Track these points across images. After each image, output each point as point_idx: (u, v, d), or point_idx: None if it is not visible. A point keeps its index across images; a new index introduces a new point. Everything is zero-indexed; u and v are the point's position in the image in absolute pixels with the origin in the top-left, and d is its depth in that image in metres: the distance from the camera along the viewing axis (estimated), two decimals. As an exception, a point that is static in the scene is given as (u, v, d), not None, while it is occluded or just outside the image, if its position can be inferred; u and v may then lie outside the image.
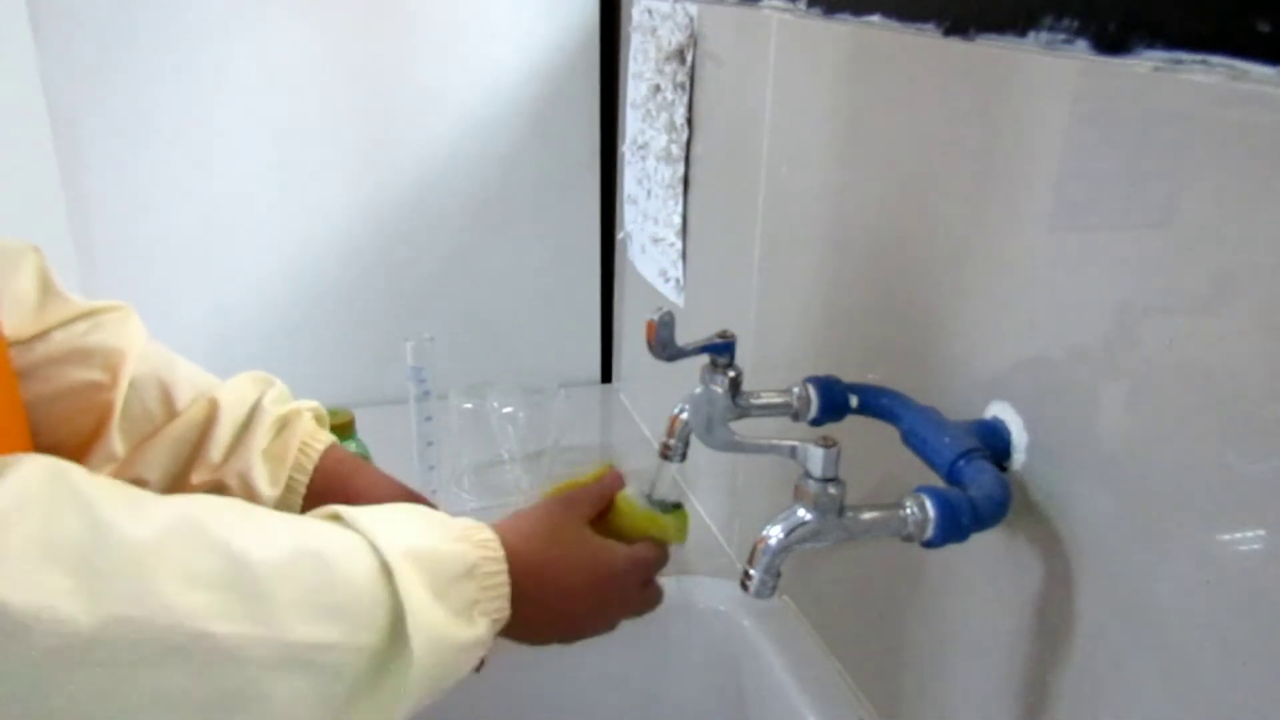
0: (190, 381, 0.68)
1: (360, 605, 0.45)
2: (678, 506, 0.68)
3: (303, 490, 0.67)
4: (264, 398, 0.68)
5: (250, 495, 0.65)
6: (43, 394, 0.62)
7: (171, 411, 0.66)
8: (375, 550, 0.47)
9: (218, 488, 0.65)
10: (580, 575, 0.59)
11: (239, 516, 0.45)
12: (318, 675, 0.43)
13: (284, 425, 0.68)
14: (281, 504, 0.66)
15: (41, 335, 0.63)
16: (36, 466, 0.40)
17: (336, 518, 0.49)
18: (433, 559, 0.48)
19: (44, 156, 1.10)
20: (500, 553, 0.53)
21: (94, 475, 0.42)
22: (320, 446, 0.69)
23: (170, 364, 0.68)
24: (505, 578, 0.52)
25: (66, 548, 0.38)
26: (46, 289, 0.64)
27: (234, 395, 0.68)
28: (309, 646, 0.43)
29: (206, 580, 0.41)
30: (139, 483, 0.63)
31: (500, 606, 0.52)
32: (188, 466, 0.65)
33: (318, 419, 0.72)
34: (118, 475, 0.63)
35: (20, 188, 1.10)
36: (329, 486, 0.68)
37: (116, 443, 0.63)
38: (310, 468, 0.68)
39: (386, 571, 0.46)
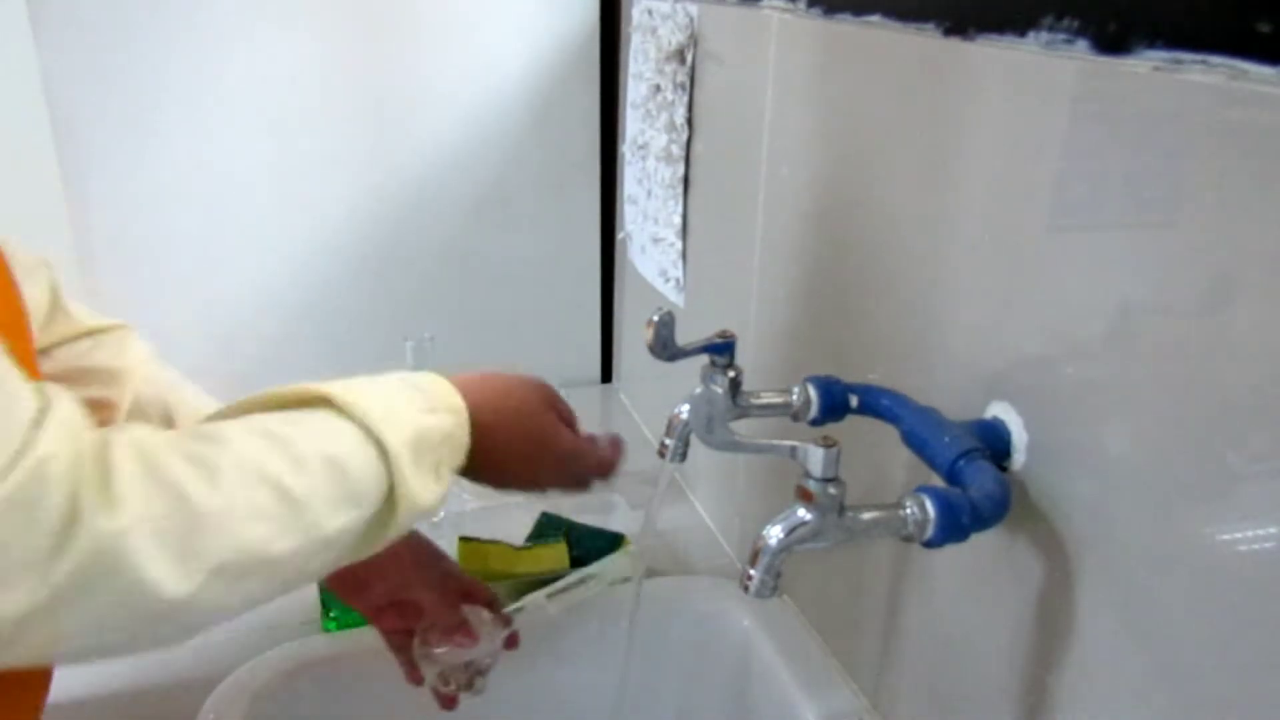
0: (193, 406, 0.69)
1: (368, 487, 0.53)
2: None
3: None
4: None
5: None
6: None
7: None
8: (370, 434, 0.53)
9: None
10: (521, 439, 0.65)
11: (281, 449, 0.51)
12: (340, 547, 0.52)
13: None
14: None
15: (47, 351, 0.63)
16: (134, 457, 0.45)
17: (327, 400, 0.55)
18: (418, 436, 0.55)
19: (44, 156, 1.10)
20: (467, 420, 0.60)
21: (158, 436, 0.48)
22: None
23: (174, 387, 0.70)
24: (467, 441, 0.60)
25: (169, 530, 0.44)
26: (55, 304, 0.65)
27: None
28: (338, 530, 0.51)
29: (265, 513, 0.48)
30: None
31: (458, 462, 0.60)
32: None
33: None
34: None
35: (20, 188, 1.10)
36: None
37: None
38: None
39: (384, 456, 0.53)
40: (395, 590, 0.73)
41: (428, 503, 0.56)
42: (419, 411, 0.57)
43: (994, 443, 0.55)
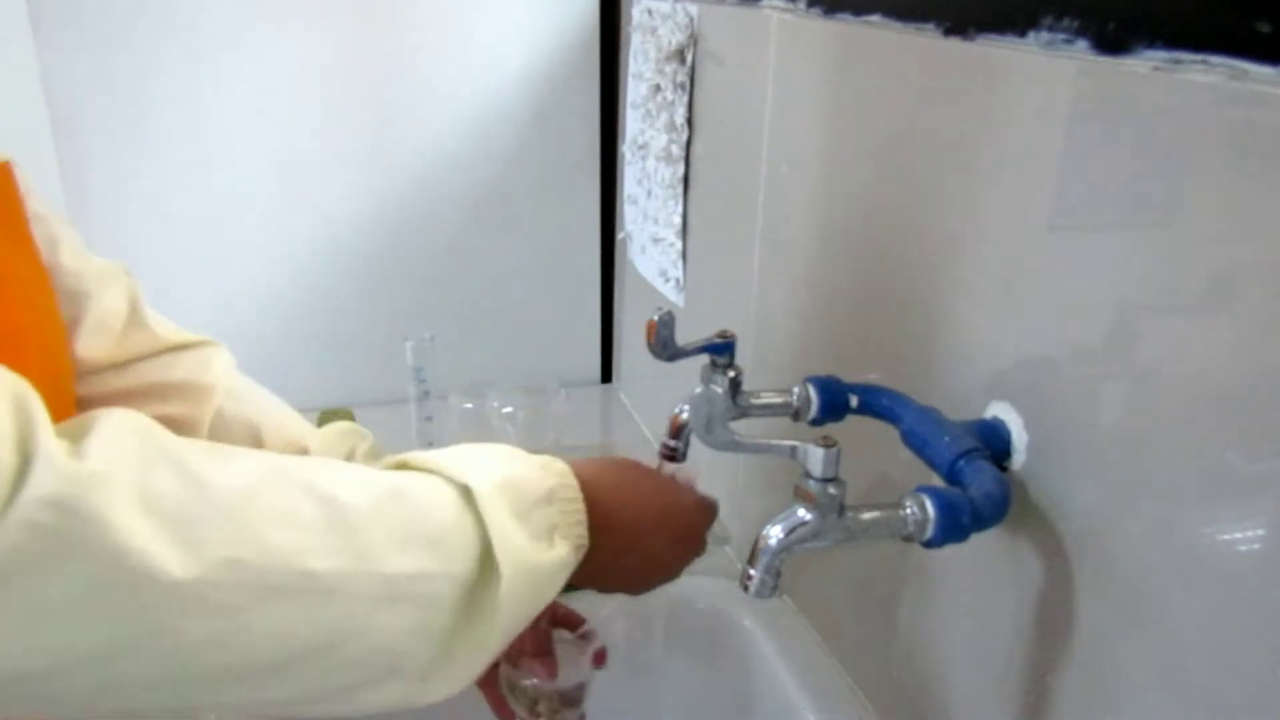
0: (280, 426, 0.66)
1: (448, 534, 0.46)
2: None
3: None
4: (356, 450, 0.67)
5: None
6: None
7: None
8: (453, 481, 0.47)
9: None
10: (650, 507, 0.58)
11: (320, 466, 0.45)
12: (417, 606, 0.44)
13: None
14: None
15: (121, 366, 0.61)
16: (122, 423, 0.40)
17: (405, 465, 0.50)
18: (512, 484, 0.49)
19: (44, 156, 1.10)
20: (574, 481, 0.53)
21: (175, 435, 0.42)
22: None
23: (261, 408, 0.66)
24: (581, 505, 0.52)
25: (164, 499, 0.38)
26: (135, 316, 0.62)
27: (325, 446, 0.66)
28: (406, 577, 0.43)
29: (302, 521, 0.42)
30: None
31: (580, 533, 0.52)
32: None
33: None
34: None
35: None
36: None
37: None
38: None
39: (468, 497, 0.47)
40: None
41: (543, 560, 0.48)
42: (509, 461, 0.51)
43: (994, 443, 0.55)
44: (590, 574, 0.53)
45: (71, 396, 0.56)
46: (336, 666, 0.43)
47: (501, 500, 0.47)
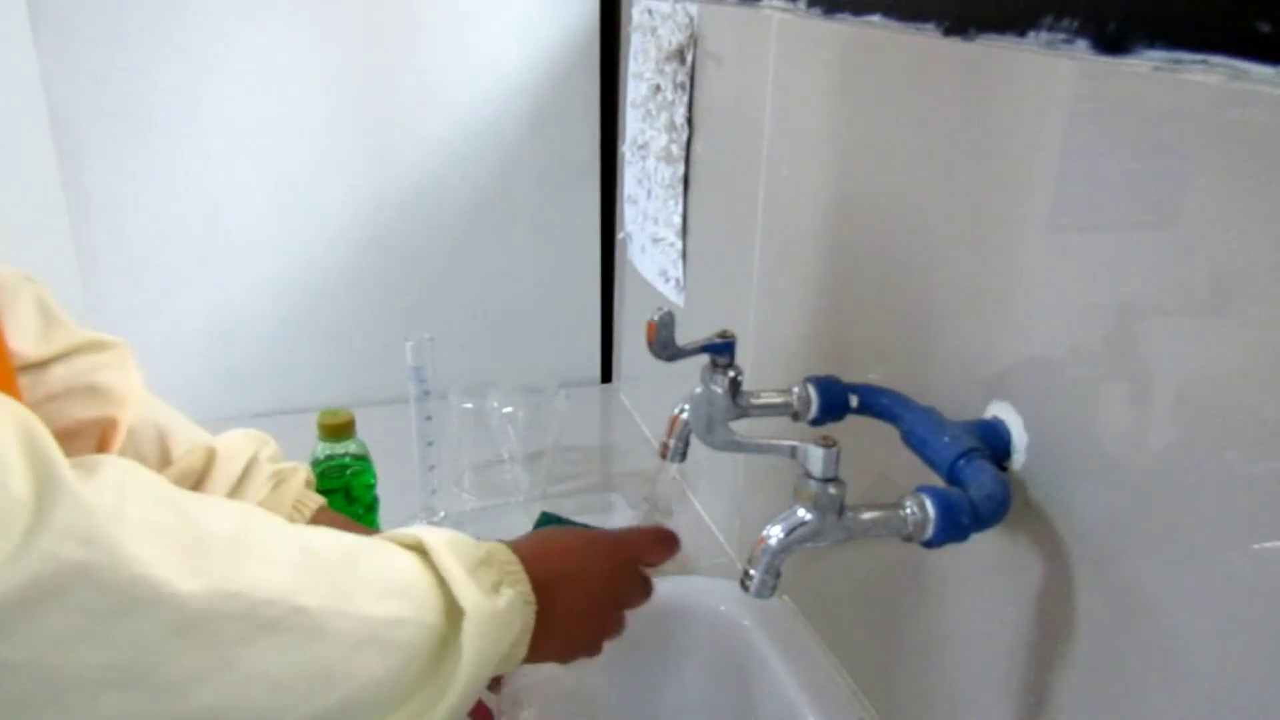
0: (186, 431, 0.68)
1: (416, 586, 0.48)
2: None
3: None
4: (260, 454, 0.69)
5: None
6: None
7: (167, 459, 0.65)
8: (410, 547, 0.50)
9: None
10: (575, 547, 0.61)
11: (285, 524, 0.47)
12: (394, 653, 0.46)
13: (280, 482, 0.69)
14: None
15: (43, 365, 0.61)
16: (122, 465, 0.41)
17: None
18: (455, 544, 0.52)
19: (44, 156, 1.10)
20: (508, 550, 0.56)
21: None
22: (314, 505, 0.70)
23: (164, 411, 0.68)
24: (520, 565, 0.55)
25: (169, 533, 0.40)
26: (48, 319, 0.63)
27: (231, 448, 0.68)
28: (385, 622, 0.45)
29: (288, 561, 0.43)
30: None
31: (524, 590, 0.54)
32: None
33: (308, 483, 0.73)
34: None
35: (20, 188, 1.10)
36: None
37: None
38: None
39: (423, 553, 0.50)
40: None
41: (498, 606, 0.51)
42: (445, 531, 0.54)
43: (994, 443, 0.55)
44: (547, 630, 0.55)
45: (15, 390, 0.56)
46: (318, 713, 0.44)
47: (448, 553, 0.50)
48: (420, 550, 0.51)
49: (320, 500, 0.72)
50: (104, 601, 0.37)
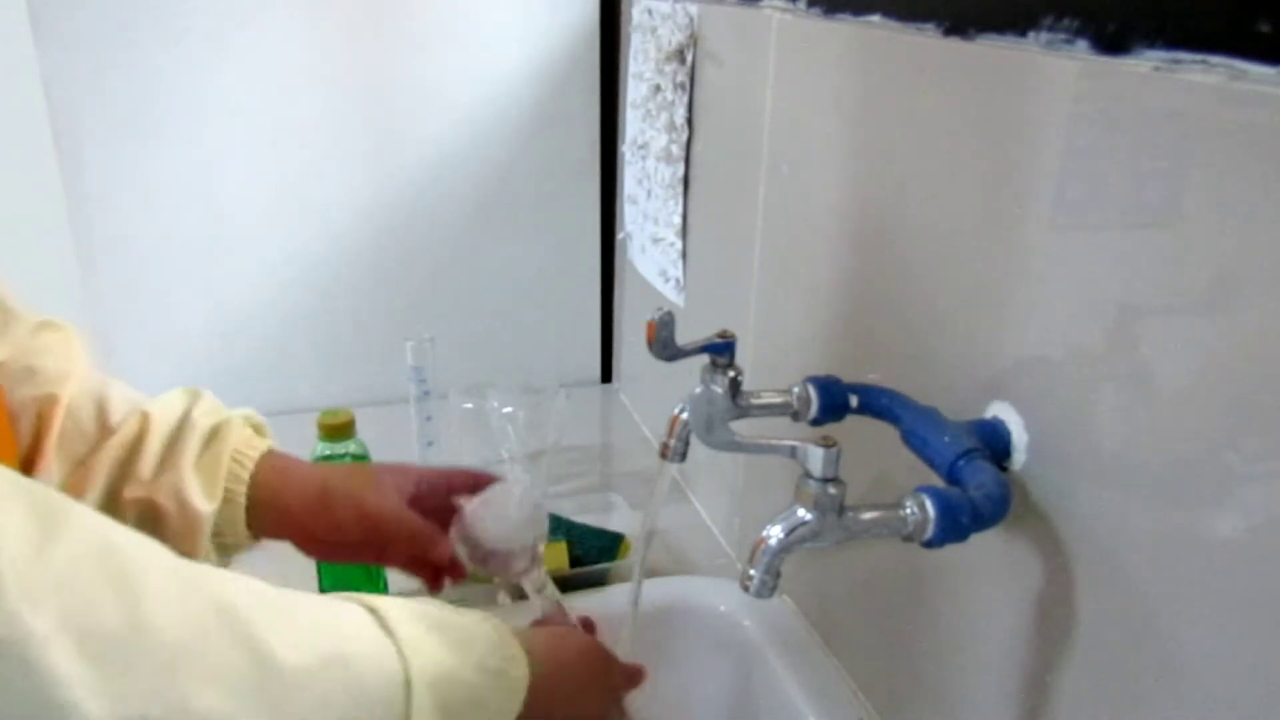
0: (124, 398, 0.65)
1: (374, 716, 0.46)
2: None
3: (243, 501, 0.65)
4: (192, 410, 0.66)
5: (185, 511, 0.62)
6: None
7: (107, 430, 0.63)
8: (404, 668, 0.48)
9: (150, 505, 0.62)
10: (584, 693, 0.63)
11: (276, 612, 0.45)
12: None
13: (214, 436, 0.66)
14: (222, 517, 0.64)
15: None
16: (91, 537, 0.39)
17: (374, 611, 0.50)
18: (450, 687, 0.50)
19: (44, 156, 1.10)
20: (521, 690, 0.55)
21: (145, 539, 0.42)
22: (255, 454, 0.67)
23: (106, 383, 0.66)
24: (519, 706, 0.54)
25: (99, 640, 0.37)
26: (2, 309, 0.62)
27: (163, 409, 0.65)
28: None
29: (232, 683, 0.41)
30: None
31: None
32: (120, 484, 0.62)
33: (254, 427, 0.70)
34: None
35: (20, 188, 1.10)
36: (260, 498, 0.66)
37: (53, 466, 0.61)
38: (246, 477, 0.65)
39: (408, 691, 0.48)
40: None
41: None
42: (461, 665, 0.51)
43: (994, 443, 0.55)
44: None
45: None
46: None
47: (430, 696, 0.48)
48: (408, 680, 0.48)
49: (264, 445, 0.68)
50: (17, 715, 0.35)
